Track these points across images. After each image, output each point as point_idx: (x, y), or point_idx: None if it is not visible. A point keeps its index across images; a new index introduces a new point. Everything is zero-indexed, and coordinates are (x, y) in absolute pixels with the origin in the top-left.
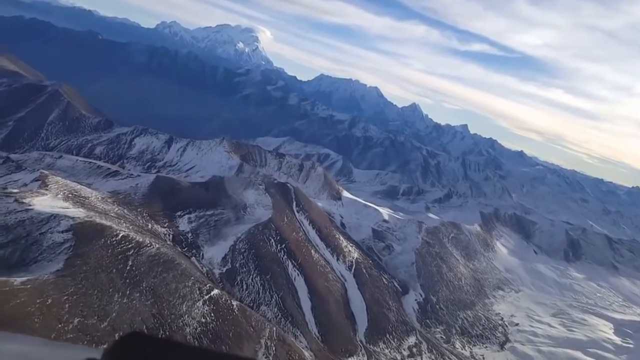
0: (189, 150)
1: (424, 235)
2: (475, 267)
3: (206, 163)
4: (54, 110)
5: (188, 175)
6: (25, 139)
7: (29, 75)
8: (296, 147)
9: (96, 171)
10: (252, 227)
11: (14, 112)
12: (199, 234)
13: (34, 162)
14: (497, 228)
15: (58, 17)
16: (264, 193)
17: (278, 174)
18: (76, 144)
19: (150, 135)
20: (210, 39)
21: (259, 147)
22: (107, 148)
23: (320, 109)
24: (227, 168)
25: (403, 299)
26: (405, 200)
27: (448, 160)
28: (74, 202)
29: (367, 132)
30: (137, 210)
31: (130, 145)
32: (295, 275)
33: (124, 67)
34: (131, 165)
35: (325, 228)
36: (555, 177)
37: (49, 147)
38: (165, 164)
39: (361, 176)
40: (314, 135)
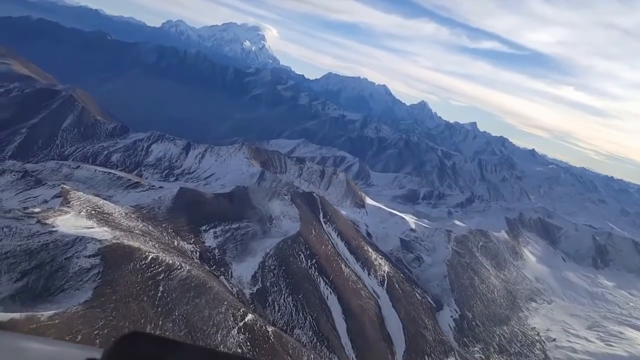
0: (208, 156)
1: (454, 245)
2: (506, 277)
3: (226, 170)
4: (68, 116)
5: (208, 183)
6: (40, 147)
7: (40, 78)
8: (311, 149)
9: (116, 182)
10: (280, 241)
11: (28, 119)
12: (226, 250)
13: (50, 172)
14: (523, 234)
15: (64, 17)
16: (290, 204)
17: (299, 180)
18: (92, 151)
19: (167, 141)
20: (216, 38)
21: (279, 153)
22: (123, 155)
23: (331, 109)
24: (248, 176)
25: (438, 316)
26: (426, 204)
27: (464, 161)
28: (98, 220)
29: (379, 132)
30: (162, 225)
31: (147, 152)
32: (328, 294)
33: (133, 67)
34: (149, 173)
35: (354, 240)
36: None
37: (63, 155)
38: (184, 172)
39: (379, 179)
40: (327, 136)
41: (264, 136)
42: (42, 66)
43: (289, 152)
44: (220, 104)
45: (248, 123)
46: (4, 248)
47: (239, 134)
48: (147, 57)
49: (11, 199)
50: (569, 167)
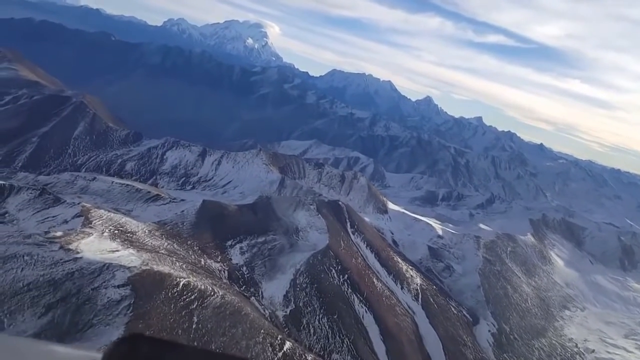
0: (224, 163)
1: (483, 251)
2: (537, 284)
3: (244, 177)
4: (80, 123)
5: (226, 191)
6: (52, 157)
7: (48, 83)
8: (323, 150)
9: (135, 195)
10: (310, 256)
11: (38, 127)
12: (254, 267)
13: (65, 185)
14: (548, 236)
15: (66, 17)
16: (316, 214)
17: (318, 185)
18: (105, 160)
19: (182, 148)
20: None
21: (297, 158)
22: (138, 164)
23: (339, 107)
24: (268, 183)
25: (475, 331)
26: (446, 206)
27: (477, 159)
28: (122, 241)
29: (389, 130)
30: (187, 243)
31: (162, 159)
32: (363, 312)
33: (138, 68)
34: (164, 181)
35: (383, 251)
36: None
37: (76, 164)
38: (200, 179)
39: (394, 181)
40: (337, 136)
41: (274, 137)
42: (47, 69)
43: (301, 153)
44: (227, 104)
45: (257, 123)
46: (25, 279)
47: (248, 136)
48: (151, 58)
49: (28, 219)
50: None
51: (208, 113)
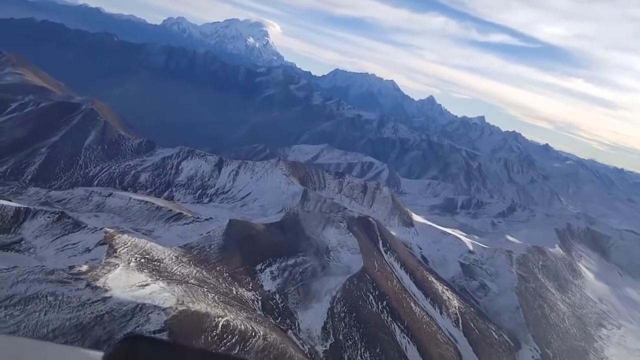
0: (242, 173)
1: (517, 267)
2: (572, 301)
3: (263, 189)
4: (91, 132)
5: (245, 204)
6: (62, 168)
7: (54, 88)
8: (335, 155)
9: (155, 214)
10: (346, 281)
11: (47, 137)
12: (287, 295)
13: (79, 202)
14: (575, 247)
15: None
16: (347, 232)
17: (339, 196)
18: (118, 171)
19: (197, 157)
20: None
21: (316, 167)
22: (152, 175)
23: (346, 109)
24: (290, 195)
25: (518, 357)
26: (466, 214)
27: (489, 162)
28: (150, 271)
29: (397, 132)
30: (216, 269)
31: (177, 170)
32: (406, 344)
33: (142, 70)
34: (180, 193)
35: (417, 271)
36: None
37: (88, 176)
38: (218, 191)
39: (410, 187)
40: (346, 139)
41: (283, 140)
42: (50, 71)
43: (313, 158)
44: (233, 106)
45: (264, 126)
46: (50, 324)
47: (257, 139)
48: (155, 59)
49: (47, 246)
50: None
51: (214, 115)
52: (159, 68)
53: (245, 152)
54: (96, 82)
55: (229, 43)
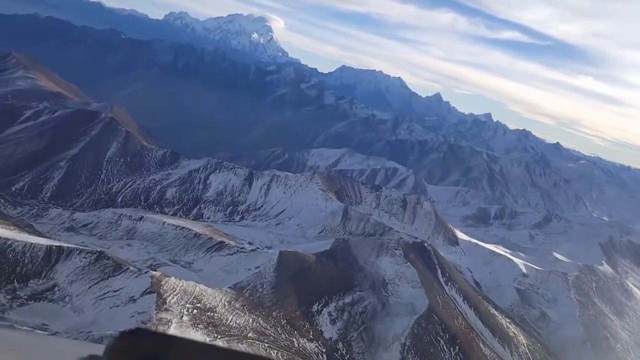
0: (274, 188)
1: (574, 292)
2: (631, 327)
3: (299, 205)
4: (112, 143)
5: (280, 222)
6: (83, 184)
7: (69, 93)
8: (357, 160)
9: (194, 242)
10: (413, 324)
11: (65, 149)
12: (351, 343)
13: (108, 227)
14: (619, 262)
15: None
16: (404, 261)
17: (377, 211)
18: (142, 186)
19: (226, 170)
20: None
21: (351, 179)
22: (179, 190)
23: (358, 108)
24: (329, 214)
25: None
26: (500, 225)
27: (510, 165)
28: (206, 326)
29: (412, 132)
30: (273, 315)
31: (206, 184)
32: None
33: (150, 68)
34: (210, 210)
35: (480, 304)
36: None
37: (111, 193)
38: (249, 208)
39: (438, 194)
40: (363, 141)
41: (298, 143)
42: (56, 70)
43: (333, 163)
44: (245, 107)
45: (278, 128)
46: None
47: (272, 142)
48: (163, 56)
49: (84, 294)
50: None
51: (226, 116)
52: (167, 66)
53: (263, 156)
54: (104, 81)
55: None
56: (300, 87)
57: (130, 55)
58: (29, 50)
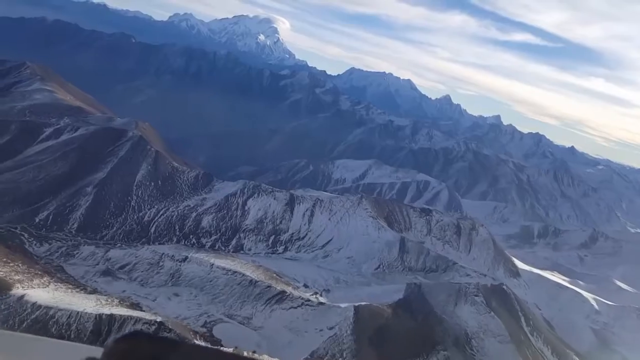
0: (318, 213)
1: None
2: None
3: (347, 234)
4: (142, 165)
5: (328, 254)
6: (112, 212)
7: (88, 106)
8: (386, 172)
9: (250, 291)
10: None
11: (92, 172)
12: None
13: (148, 269)
14: None
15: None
16: (486, 310)
17: (429, 238)
18: (176, 214)
19: (265, 194)
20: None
21: (399, 203)
22: (216, 218)
23: (375, 114)
24: (384, 245)
25: None
26: (545, 245)
27: (537, 174)
28: None
29: (432, 139)
30: None
31: (244, 211)
32: None
33: (162, 74)
34: (251, 241)
35: (567, 356)
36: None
37: (143, 222)
38: (293, 237)
39: (474, 210)
40: (385, 150)
41: (319, 152)
42: (65, 75)
43: (360, 176)
44: (260, 113)
45: (297, 136)
46: None
47: (292, 151)
48: (174, 61)
49: None
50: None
51: (243, 125)
52: (179, 71)
53: (286, 169)
54: (115, 88)
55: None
56: (315, 92)
57: (140, 60)
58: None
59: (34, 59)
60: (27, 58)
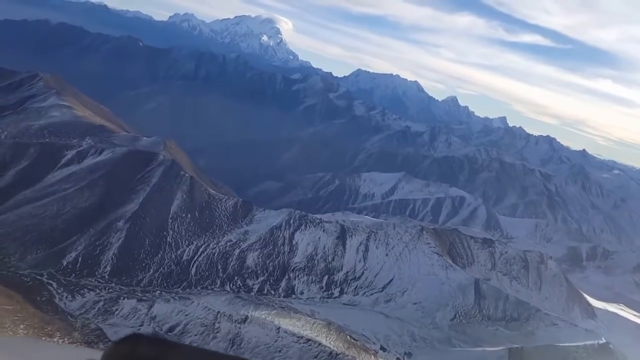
0: (373, 248)
1: None
2: None
3: (410, 273)
4: (176, 194)
5: (391, 298)
6: (148, 251)
7: (110, 123)
8: (417, 187)
9: None
10: None
11: (122, 203)
12: None
13: (203, 332)
14: None
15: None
16: None
17: (494, 274)
18: (218, 251)
19: (312, 226)
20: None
21: (458, 232)
22: (261, 255)
23: (391, 119)
24: (456, 289)
25: None
26: (596, 269)
27: (565, 184)
28: None
29: (450, 145)
30: None
31: (292, 246)
32: None
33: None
34: (302, 282)
35: None
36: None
37: (182, 262)
38: (348, 277)
39: (514, 229)
40: (409, 159)
41: (339, 162)
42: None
43: (390, 191)
44: (274, 120)
45: (316, 145)
46: None
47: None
48: (183, 65)
49: None
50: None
51: (258, 133)
52: (188, 76)
53: (311, 183)
54: (124, 94)
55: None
56: (329, 97)
57: (149, 64)
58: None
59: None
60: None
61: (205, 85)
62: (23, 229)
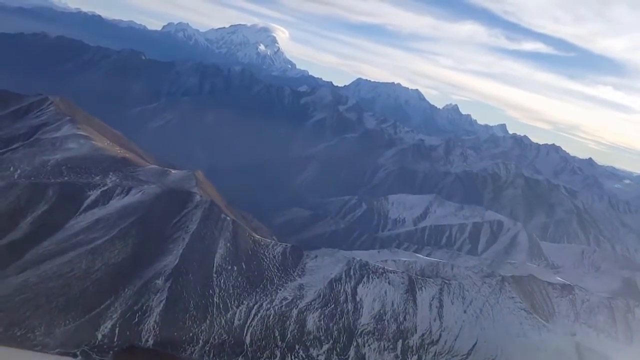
0: (448, 303)
1: None
2: None
3: (495, 335)
4: (219, 242)
5: None
6: (194, 317)
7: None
8: (450, 210)
9: None
10: None
11: (159, 257)
12: None
13: None
14: None
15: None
16: None
17: (579, 327)
18: (273, 313)
19: (376, 277)
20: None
21: (535, 278)
22: (323, 316)
23: (403, 132)
24: (553, 354)
25: None
26: None
27: (591, 200)
28: None
29: (466, 159)
30: None
31: (355, 302)
32: None
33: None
34: (372, 350)
35: None
36: None
37: (233, 329)
38: (424, 340)
39: (558, 256)
40: (429, 176)
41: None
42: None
43: (422, 215)
44: (286, 136)
45: (331, 163)
46: None
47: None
48: (187, 79)
49: None
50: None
51: (271, 152)
52: (193, 91)
53: (336, 207)
54: (130, 111)
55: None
56: (338, 110)
57: (152, 79)
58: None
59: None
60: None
61: (211, 101)
62: (48, 294)
